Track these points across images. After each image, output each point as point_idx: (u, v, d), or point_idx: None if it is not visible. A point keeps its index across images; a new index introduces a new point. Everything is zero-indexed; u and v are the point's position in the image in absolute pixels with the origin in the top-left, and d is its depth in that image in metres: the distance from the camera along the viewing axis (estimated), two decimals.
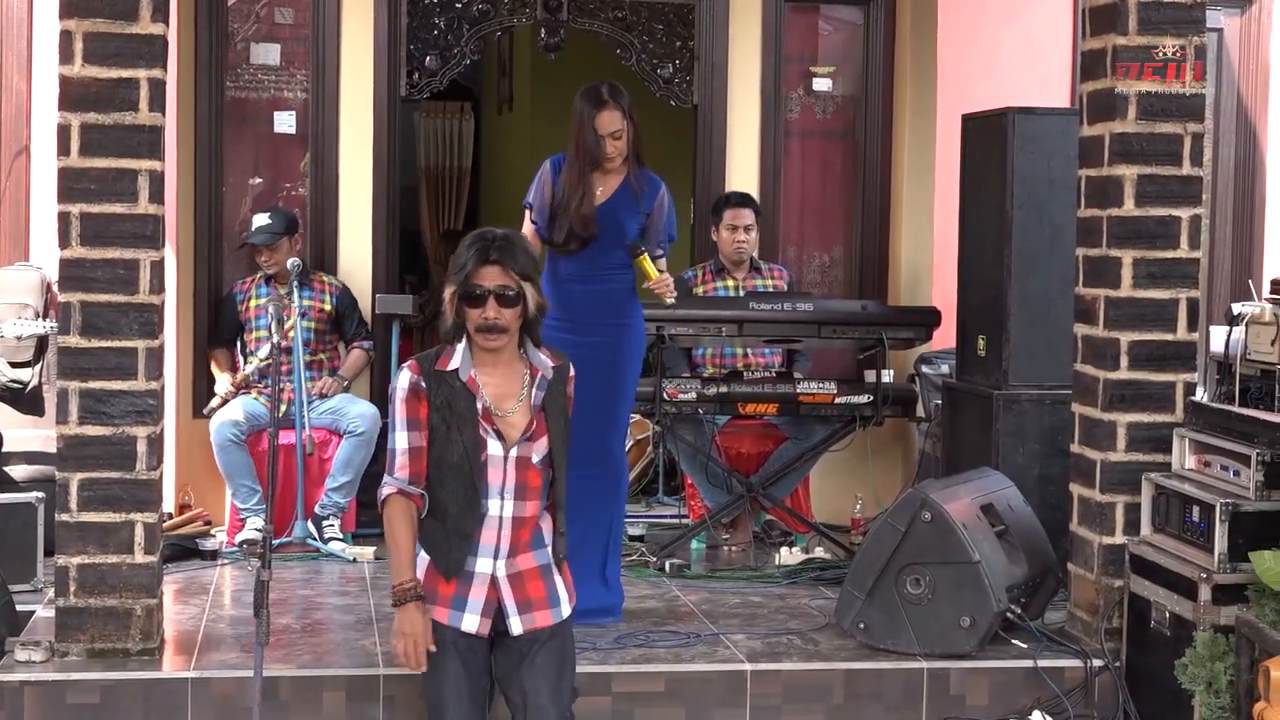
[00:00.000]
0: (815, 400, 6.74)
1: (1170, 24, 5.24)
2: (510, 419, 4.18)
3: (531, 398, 4.21)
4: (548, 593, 4.25)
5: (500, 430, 4.16)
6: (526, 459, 4.18)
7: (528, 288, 4.11)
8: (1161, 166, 5.28)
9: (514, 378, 4.21)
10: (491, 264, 4.08)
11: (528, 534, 4.24)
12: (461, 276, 4.08)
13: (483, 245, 4.10)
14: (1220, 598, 4.83)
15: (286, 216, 7.12)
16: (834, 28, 8.11)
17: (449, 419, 4.14)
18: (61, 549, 4.99)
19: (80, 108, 4.89)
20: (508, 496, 4.17)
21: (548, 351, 4.28)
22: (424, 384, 4.14)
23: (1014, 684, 5.19)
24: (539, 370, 4.22)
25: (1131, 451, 5.32)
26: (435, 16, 7.61)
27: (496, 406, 4.17)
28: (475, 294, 4.09)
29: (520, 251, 4.12)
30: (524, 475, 4.19)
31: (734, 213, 7.24)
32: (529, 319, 4.16)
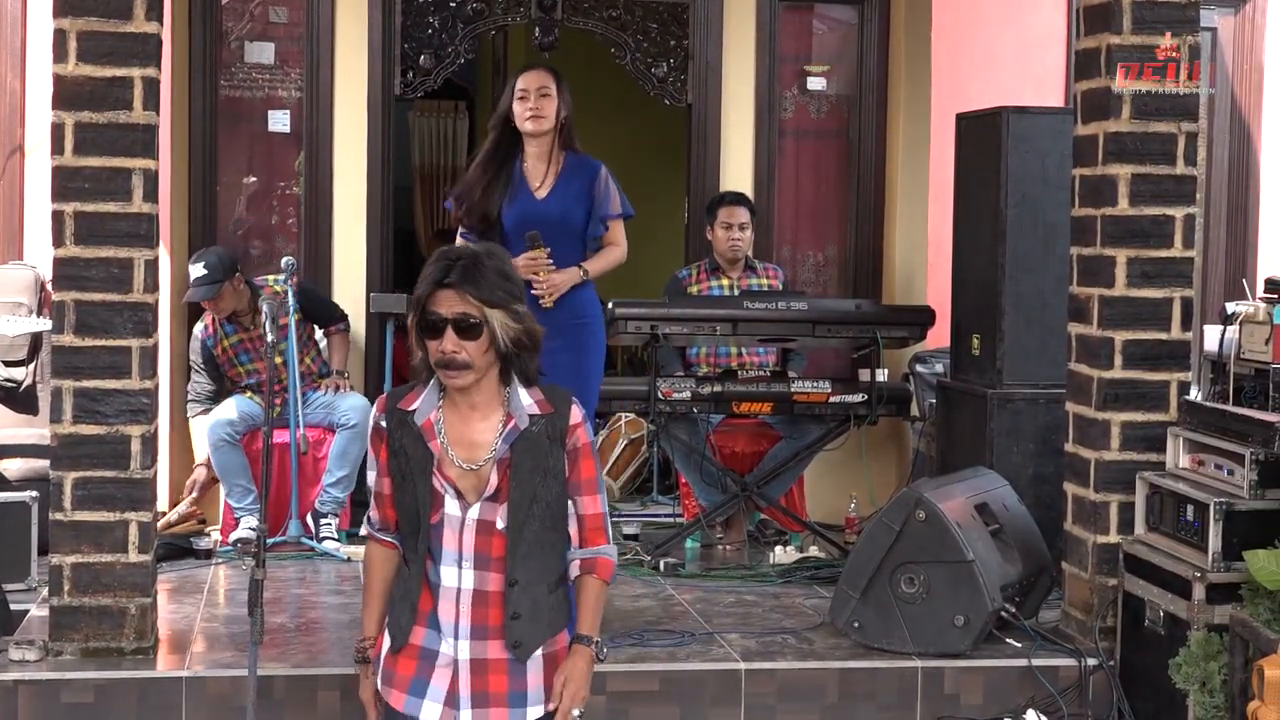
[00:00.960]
0: (810, 399, 6.74)
1: (1165, 23, 5.24)
2: (476, 473, 3.49)
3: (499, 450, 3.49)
4: (510, 689, 3.52)
5: (460, 487, 3.50)
6: (489, 523, 3.49)
7: (496, 316, 3.40)
8: (1156, 166, 5.28)
9: (490, 424, 3.51)
10: (447, 288, 3.41)
11: (498, 614, 3.51)
12: (417, 303, 3.46)
13: (441, 266, 3.44)
14: (1214, 597, 4.83)
15: (220, 260, 6.81)
16: (828, 27, 8.11)
17: (405, 467, 3.53)
18: (56, 548, 4.98)
19: (74, 106, 4.88)
20: (466, 565, 3.50)
21: (545, 395, 3.54)
22: (384, 423, 3.56)
23: (1008, 683, 5.20)
24: (513, 417, 3.49)
25: (1126, 451, 5.33)
26: (430, 15, 7.60)
27: (461, 457, 3.49)
28: (430, 323, 3.43)
29: (490, 273, 3.42)
30: (486, 542, 3.49)
31: (729, 211, 7.24)
32: (505, 353, 3.45)
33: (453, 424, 3.50)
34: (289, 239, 7.63)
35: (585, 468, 3.56)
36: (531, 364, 3.52)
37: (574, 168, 5.47)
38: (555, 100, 5.42)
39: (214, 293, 6.75)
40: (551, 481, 3.51)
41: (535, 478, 3.48)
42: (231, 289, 6.83)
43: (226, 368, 7.03)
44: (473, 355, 3.41)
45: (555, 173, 5.46)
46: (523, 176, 5.46)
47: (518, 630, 3.49)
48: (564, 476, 3.54)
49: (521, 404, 3.49)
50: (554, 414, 3.52)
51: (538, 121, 5.40)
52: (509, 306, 3.43)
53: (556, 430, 3.52)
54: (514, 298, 3.45)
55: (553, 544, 3.53)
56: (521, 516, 3.47)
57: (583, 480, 3.56)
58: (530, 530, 3.49)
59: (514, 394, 3.50)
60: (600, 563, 3.57)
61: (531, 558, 3.50)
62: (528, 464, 3.48)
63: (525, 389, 3.51)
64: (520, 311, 3.45)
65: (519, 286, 3.48)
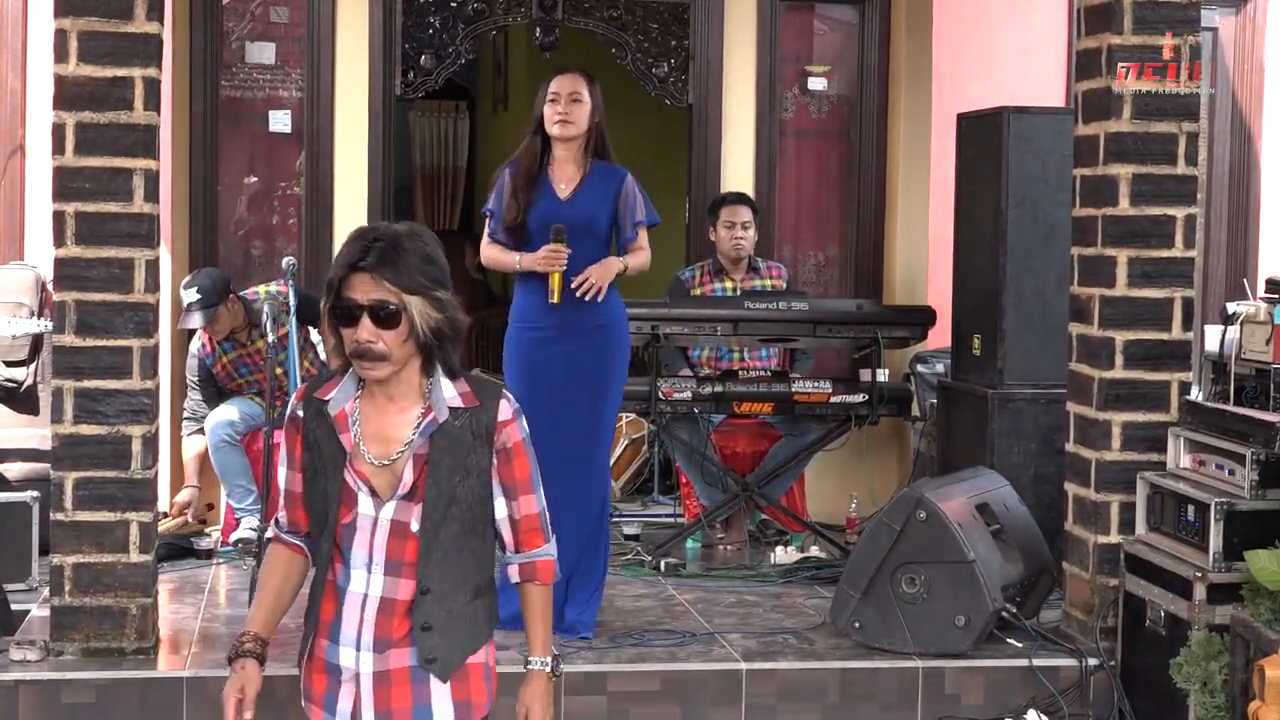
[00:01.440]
0: (811, 399, 6.74)
1: (1166, 23, 5.25)
2: (390, 469, 3.18)
3: (415, 445, 3.18)
4: (415, 705, 3.20)
5: (374, 484, 3.18)
6: (404, 524, 3.17)
7: (416, 303, 3.09)
8: (1156, 166, 5.28)
9: (408, 418, 3.20)
10: (362, 271, 3.10)
11: (404, 624, 3.18)
12: (330, 286, 3.15)
13: (357, 247, 3.12)
14: (1215, 597, 4.83)
15: (213, 282, 6.74)
16: (829, 27, 8.11)
17: (317, 461, 3.23)
18: (57, 548, 4.99)
19: (75, 106, 4.88)
20: (376, 569, 3.17)
21: (472, 388, 3.22)
22: (301, 412, 3.26)
23: (1009, 683, 5.20)
24: (432, 410, 3.18)
25: (1126, 451, 5.33)
26: (430, 15, 7.60)
27: (375, 452, 3.18)
28: (344, 310, 3.12)
29: (411, 256, 3.10)
30: (399, 545, 3.17)
31: (731, 210, 7.23)
32: (424, 342, 3.14)
33: (369, 416, 3.21)
34: (290, 239, 7.63)
35: (519, 467, 3.26)
36: (455, 354, 3.20)
37: (600, 173, 5.46)
38: (587, 106, 5.41)
39: (210, 317, 6.67)
40: (474, 482, 3.20)
41: (454, 476, 3.17)
42: (226, 310, 6.75)
43: (226, 382, 7.00)
44: (390, 345, 3.11)
45: (581, 176, 5.44)
46: (548, 178, 5.45)
47: (430, 644, 3.17)
48: (489, 477, 3.23)
49: (443, 396, 3.18)
50: (479, 408, 3.20)
51: (565, 127, 5.39)
52: (430, 293, 3.11)
53: (482, 426, 3.19)
54: (437, 283, 3.13)
55: (473, 550, 3.21)
56: (438, 518, 3.16)
57: (516, 481, 3.26)
58: (447, 533, 3.17)
59: (436, 386, 3.19)
60: (540, 566, 3.31)
61: (448, 564, 3.18)
62: (446, 461, 3.16)
63: (450, 381, 3.20)
64: (443, 299, 3.13)
65: (443, 271, 3.15)
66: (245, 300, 6.89)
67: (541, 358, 5.41)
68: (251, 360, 6.95)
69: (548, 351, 5.40)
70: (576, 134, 5.41)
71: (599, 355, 5.45)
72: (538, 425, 5.40)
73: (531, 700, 3.35)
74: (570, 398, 5.39)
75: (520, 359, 5.46)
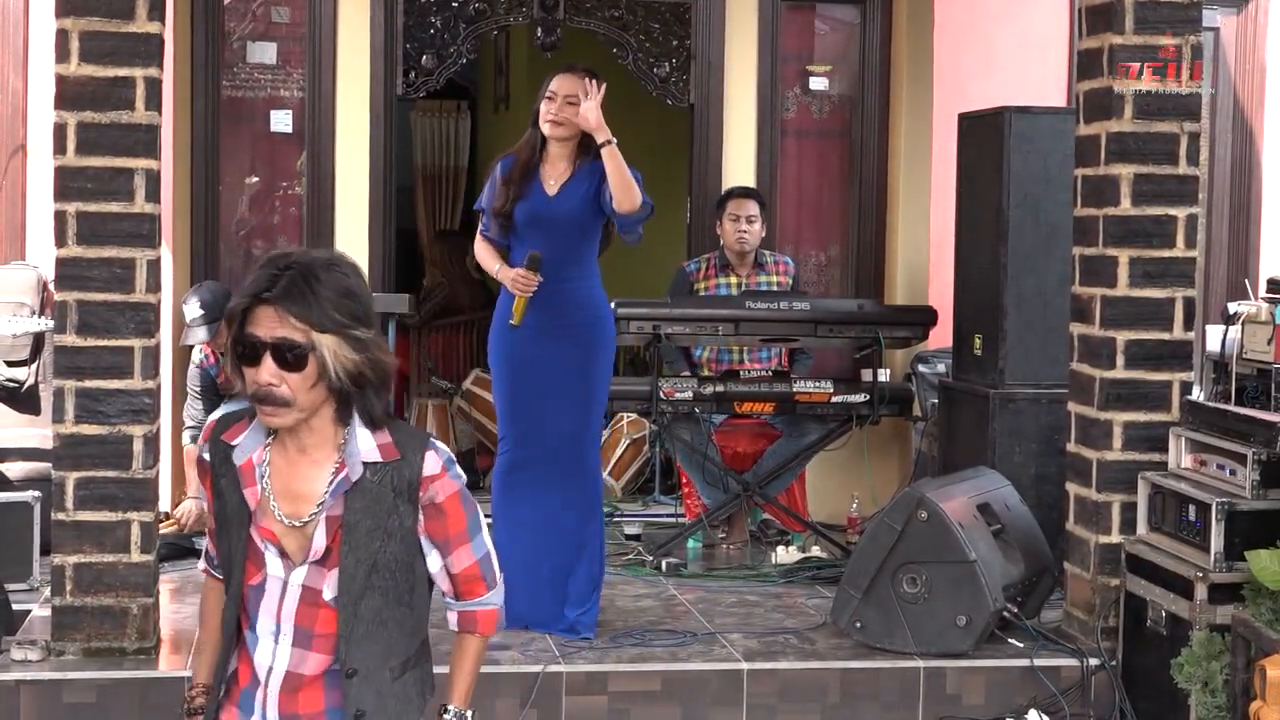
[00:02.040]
0: (812, 399, 6.74)
1: (1167, 23, 5.24)
2: (301, 530, 2.80)
3: (327, 504, 2.80)
4: None
5: (284, 545, 2.81)
6: (316, 591, 2.79)
7: (328, 343, 2.68)
8: (1158, 166, 5.28)
9: (321, 471, 2.81)
10: (266, 304, 2.71)
11: (312, 700, 2.81)
12: (231, 318, 2.77)
13: (265, 275, 2.73)
14: (1216, 597, 4.83)
15: (214, 295, 6.69)
16: (830, 27, 8.11)
17: (222, 514, 2.87)
18: (58, 548, 4.99)
19: (76, 106, 4.88)
20: (283, 639, 2.80)
21: (394, 438, 2.81)
22: (208, 456, 2.89)
23: (1010, 683, 5.20)
24: (346, 465, 2.78)
25: (1128, 451, 5.32)
26: (432, 15, 7.60)
27: (285, 510, 2.80)
28: (247, 347, 2.74)
29: (325, 287, 2.70)
30: (310, 613, 2.79)
31: (738, 203, 7.21)
32: (339, 388, 2.73)
33: (279, 469, 2.82)
34: (291, 239, 7.63)
35: (452, 521, 2.86)
36: (377, 402, 2.79)
37: (589, 171, 5.43)
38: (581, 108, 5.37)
39: (214, 332, 6.63)
40: (396, 546, 2.81)
41: (374, 541, 2.78)
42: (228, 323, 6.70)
43: (227, 391, 6.99)
44: (295, 390, 2.70)
45: (570, 173, 5.43)
46: (539, 174, 5.46)
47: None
48: (414, 537, 2.84)
49: (358, 450, 2.78)
50: (401, 462, 2.79)
51: (555, 128, 5.39)
52: (347, 332, 2.70)
53: (403, 482, 2.79)
54: (355, 320, 2.72)
55: (398, 620, 2.83)
56: (357, 590, 2.78)
57: (449, 536, 2.87)
58: (369, 605, 2.79)
59: (352, 437, 2.78)
60: (480, 617, 2.94)
61: (371, 639, 2.80)
62: (365, 524, 2.78)
63: (368, 431, 2.79)
64: (363, 338, 2.72)
65: (364, 306, 2.75)
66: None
67: (526, 355, 5.43)
68: None
69: (532, 349, 5.42)
70: (566, 135, 5.40)
71: (584, 353, 5.45)
72: (527, 424, 5.47)
73: None
74: (557, 396, 5.42)
75: (506, 356, 5.49)
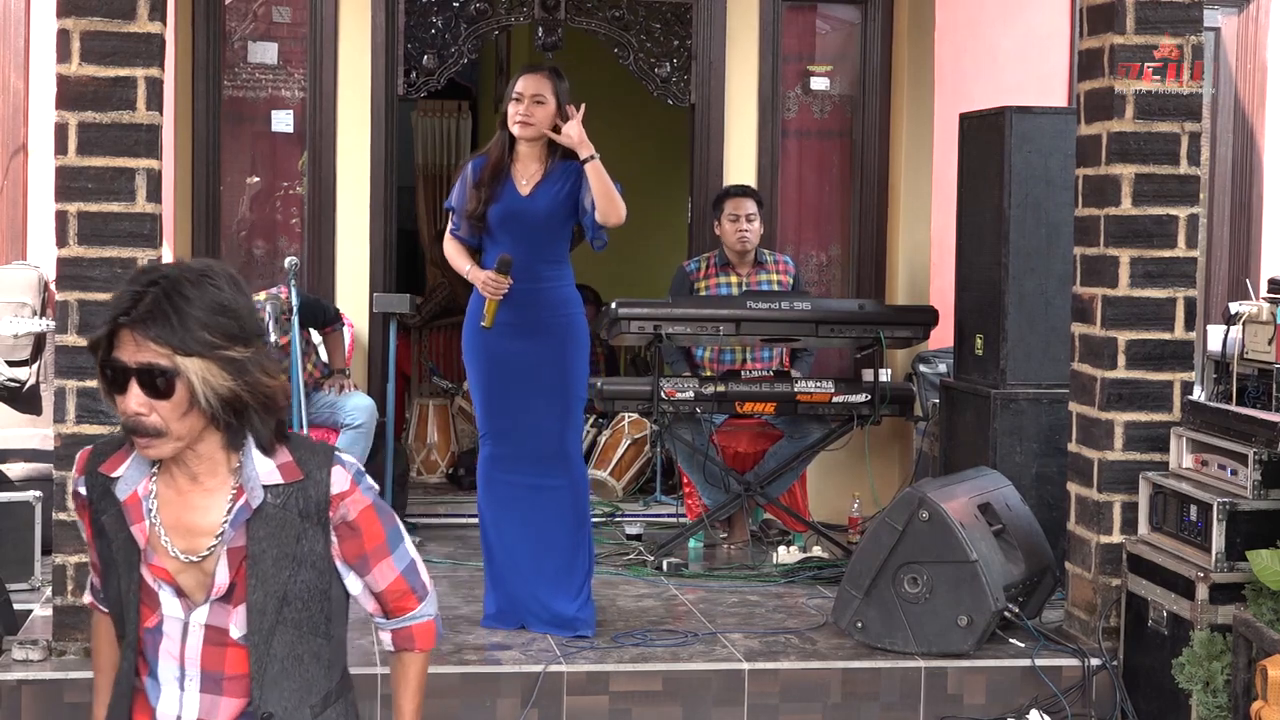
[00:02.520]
0: (813, 399, 6.74)
1: (1168, 23, 5.24)
2: (199, 566, 2.54)
3: (226, 536, 2.54)
4: None
5: (181, 583, 2.55)
6: (221, 631, 2.54)
7: (194, 367, 2.42)
8: (1159, 166, 5.28)
9: (216, 501, 2.55)
10: (124, 328, 2.47)
11: None
12: (95, 343, 2.55)
13: (126, 295, 2.49)
14: (1217, 597, 4.83)
15: None
16: (831, 27, 8.11)
17: (108, 555, 2.60)
18: (59, 548, 4.99)
19: (77, 106, 4.88)
20: (189, 685, 2.55)
21: (294, 456, 2.57)
22: (84, 490, 2.63)
23: (1011, 683, 5.20)
24: (244, 492, 2.53)
25: (1129, 451, 5.32)
26: (433, 15, 7.60)
27: (180, 546, 2.54)
28: (112, 373, 2.50)
29: (193, 306, 2.43)
30: (217, 655, 2.55)
31: (736, 202, 7.21)
32: (217, 415, 2.47)
33: (168, 501, 2.55)
34: (292, 239, 7.64)
35: (369, 536, 2.62)
36: (265, 424, 2.52)
37: (561, 170, 5.46)
38: (549, 107, 5.41)
39: None
40: (307, 573, 2.56)
41: (283, 571, 2.54)
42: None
43: None
44: (166, 418, 2.45)
45: (542, 172, 5.46)
46: (510, 174, 5.48)
47: None
48: (327, 564, 2.59)
49: (255, 473, 2.52)
50: (305, 481, 2.55)
51: (525, 128, 5.42)
52: (219, 354, 2.43)
53: (310, 503, 2.55)
54: (231, 339, 2.44)
55: (315, 653, 2.60)
56: (267, 626, 2.53)
57: (368, 552, 2.63)
58: (281, 642, 2.55)
59: (248, 460, 2.53)
60: (417, 632, 2.74)
61: (287, 677, 2.56)
62: (271, 553, 2.53)
63: (264, 453, 2.55)
64: (239, 358, 2.44)
65: (241, 322, 2.46)
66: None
67: (502, 352, 5.47)
68: None
69: (507, 346, 5.45)
70: (536, 135, 5.43)
71: (559, 348, 5.48)
72: (507, 422, 5.48)
73: None
74: (535, 393, 5.46)
75: (480, 354, 5.52)
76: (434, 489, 8.34)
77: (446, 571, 6.40)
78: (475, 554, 6.71)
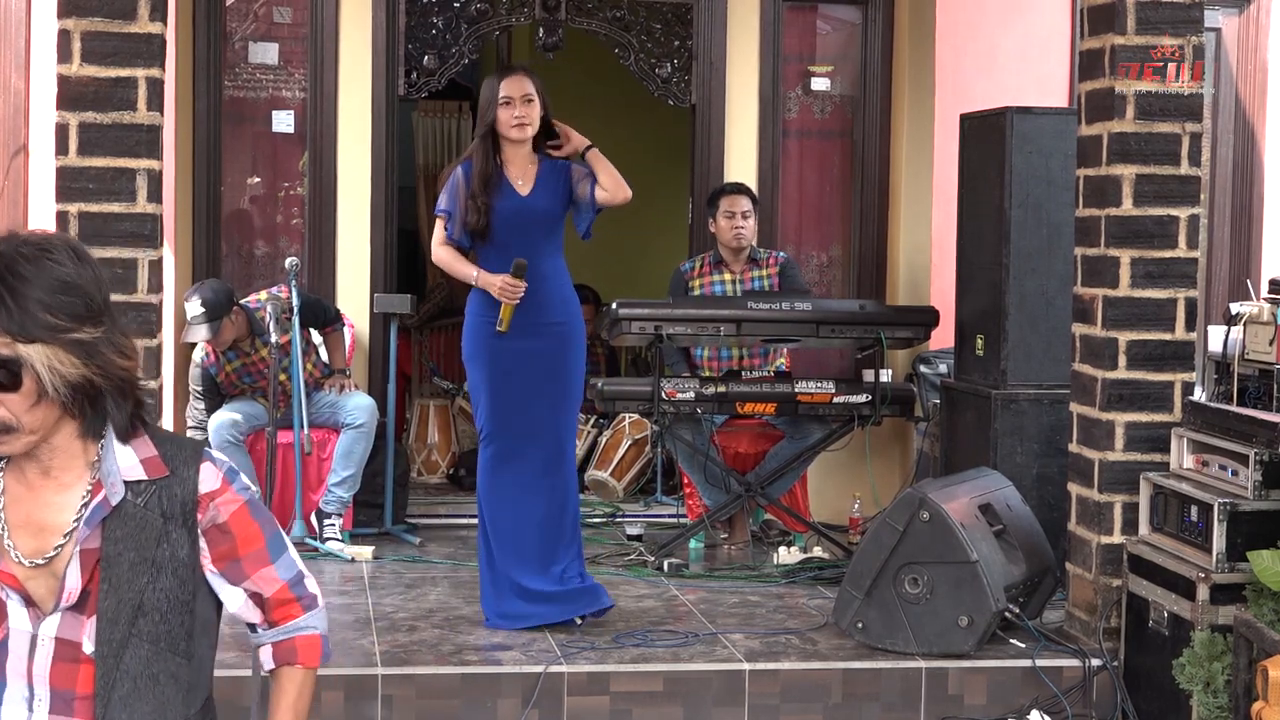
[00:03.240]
0: (814, 400, 6.74)
1: (1168, 24, 5.24)
2: (48, 569, 2.30)
3: (79, 535, 2.28)
4: None
5: (29, 591, 2.31)
6: (73, 645, 2.30)
7: (37, 353, 2.19)
8: (1160, 166, 5.28)
9: (69, 498, 2.31)
10: None
11: None
12: None
13: None
14: (1218, 597, 4.83)
15: (215, 294, 6.65)
16: (832, 27, 8.11)
17: None
18: None
19: (78, 107, 4.89)
20: (39, 706, 2.30)
21: (160, 450, 2.33)
22: None
23: (1012, 683, 5.20)
24: (102, 487, 2.28)
25: (1129, 451, 5.32)
26: (433, 16, 7.60)
27: (25, 549, 2.30)
28: None
29: (32, 286, 2.20)
30: (69, 672, 2.29)
31: (730, 200, 7.21)
32: (69, 404, 2.23)
33: (17, 497, 2.32)
34: (293, 239, 7.64)
35: (243, 541, 2.38)
36: (121, 410, 2.28)
37: (551, 168, 5.56)
38: (537, 104, 5.51)
39: (215, 330, 6.63)
40: (168, 581, 2.31)
41: (140, 576, 2.28)
42: (230, 322, 6.71)
43: (229, 390, 6.99)
44: (16, 412, 2.22)
45: (535, 171, 5.54)
46: (505, 177, 5.53)
47: None
48: (193, 570, 2.34)
49: (116, 467, 2.29)
50: (170, 479, 2.32)
51: (523, 129, 5.49)
52: (65, 336, 2.19)
53: (174, 502, 2.31)
54: (76, 319, 2.21)
55: (173, 673, 2.34)
56: (119, 637, 2.28)
57: (242, 557, 2.39)
58: (135, 657, 2.29)
59: (107, 452, 2.30)
60: (300, 645, 2.48)
61: (139, 698, 2.30)
62: (128, 556, 2.28)
63: (125, 444, 2.31)
64: (88, 340, 2.21)
65: (90, 297, 2.24)
66: (247, 309, 6.87)
67: (504, 351, 5.51)
68: (255, 368, 6.94)
69: (509, 345, 5.49)
70: (534, 134, 5.52)
71: (561, 349, 5.55)
72: (508, 419, 5.50)
73: None
74: (537, 393, 5.52)
75: (482, 352, 5.56)
76: (435, 489, 8.34)
77: (447, 572, 6.40)
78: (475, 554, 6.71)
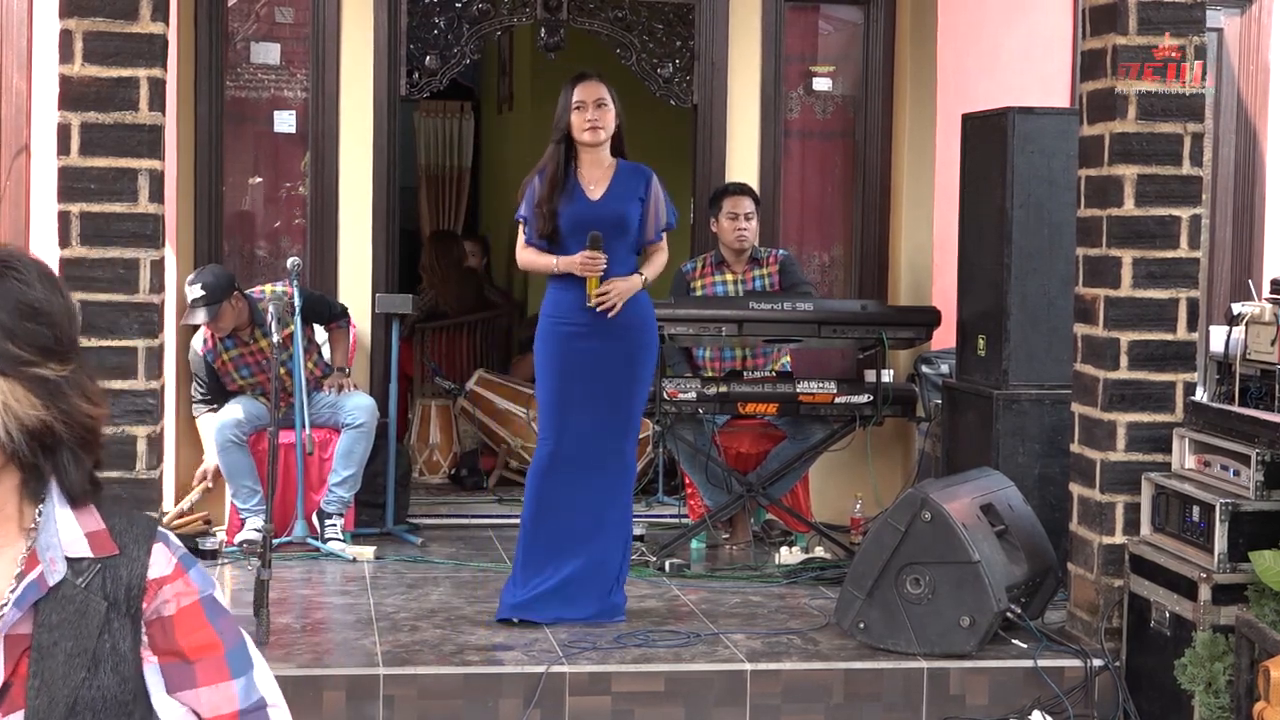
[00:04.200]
0: (815, 400, 6.74)
1: (1170, 24, 5.24)
2: None
3: (7, 619, 1.85)
4: None
5: None
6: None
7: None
8: (1161, 166, 5.28)
9: (1, 568, 1.88)
10: None
11: None
12: None
13: None
14: (1220, 598, 4.83)
15: (217, 279, 6.71)
16: (834, 27, 8.11)
17: None
18: None
19: (80, 107, 4.89)
20: None
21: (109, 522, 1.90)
22: None
23: (1014, 684, 5.20)
24: (39, 561, 1.86)
25: (1131, 451, 5.32)
26: (435, 16, 7.60)
27: None
28: None
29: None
30: None
31: (734, 201, 7.21)
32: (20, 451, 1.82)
33: None
34: (294, 239, 7.64)
35: (192, 645, 1.92)
36: (77, 468, 1.88)
37: (626, 172, 5.64)
38: (612, 109, 5.59)
39: (214, 313, 6.66)
40: (106, 678, 1.87)
41: (76, 671, 1.86)
42: (230, 307, 6.74)
43: (226, 380, 6.99)
44: None
45: (609, 177, 5.61)
46: (577, 181, 5.59)
47: None
48: (132, 669, 1.89)
49: (57, 539, 1.87)
50: (119, 558, 1.89)
51: (596, 133, 5.56)
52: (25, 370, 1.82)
53: (120, 586, 1.88)
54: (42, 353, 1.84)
55: None
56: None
57: (191, 661, 1.92)
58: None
59: (48, 518, 1.88)
60: None
61: None
62: (64, 646, 1.86)
63: (70, 509, 1.89)
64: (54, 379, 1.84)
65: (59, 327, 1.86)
66: (250, 298, 6.89)
67: (574, 352, 5.55)
68: (253, 359, 6.95)
69: (580, 346, 5.54)
70: (607, 139, 5.60)
71: (630, 352, 5.59)
72: (572, 419, 5.52)
73: None
74: (604, 395, 5.56)
75: (554, 354, 5.60)
76: (436, 490, 8.34)
77: (449, 572, 6.41)
78: (477, 554, 6.73)
